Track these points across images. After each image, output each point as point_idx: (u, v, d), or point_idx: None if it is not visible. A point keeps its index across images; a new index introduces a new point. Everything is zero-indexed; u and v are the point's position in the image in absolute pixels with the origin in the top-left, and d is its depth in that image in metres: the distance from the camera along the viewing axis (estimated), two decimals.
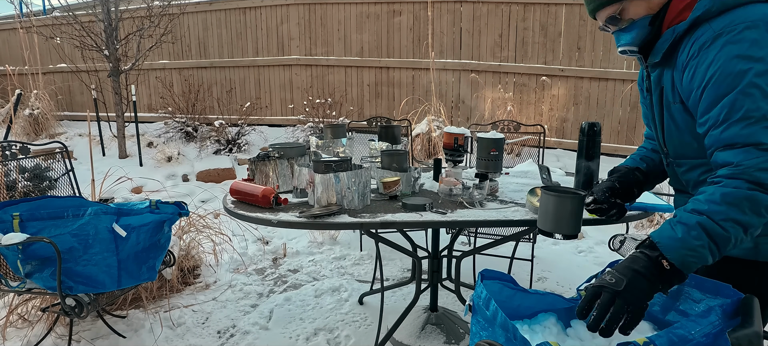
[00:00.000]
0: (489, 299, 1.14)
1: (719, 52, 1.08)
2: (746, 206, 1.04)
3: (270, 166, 2.31)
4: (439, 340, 2.46)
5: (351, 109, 6.85)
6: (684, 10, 1.15)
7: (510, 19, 6.10)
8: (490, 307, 1.12)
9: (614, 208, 1.44)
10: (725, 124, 1.08)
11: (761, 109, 1.04)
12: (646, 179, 1.49)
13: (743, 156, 1.05)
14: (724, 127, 1.08)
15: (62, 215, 2.19)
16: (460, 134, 2.37)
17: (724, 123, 1.08)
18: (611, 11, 1.24)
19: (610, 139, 5.82)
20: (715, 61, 1.08)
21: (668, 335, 1.01)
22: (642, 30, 1.24)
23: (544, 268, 3.37)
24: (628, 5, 1.22)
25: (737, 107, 1.06)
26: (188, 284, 3.14)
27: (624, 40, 1.28)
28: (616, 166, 1.54)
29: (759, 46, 1.04)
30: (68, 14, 6.26)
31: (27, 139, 6.42)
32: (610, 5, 1.24)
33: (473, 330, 1.25)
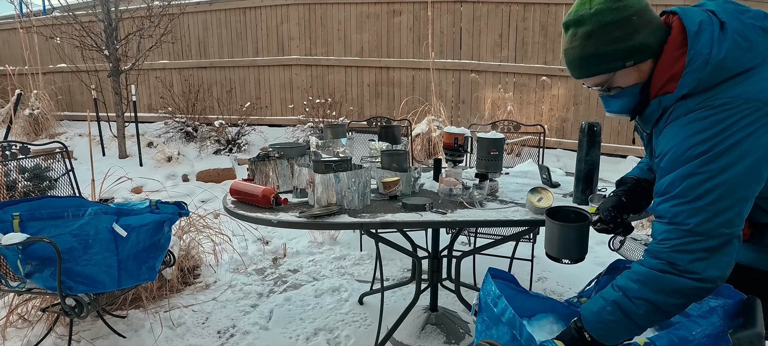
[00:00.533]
0: (499, 296, 1.14)
1: (681, 129, 1.08)
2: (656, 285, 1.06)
3: (270, 166, 2.31)
4: (439, 340, 2.45)
5: (351, 109, 6.85)
6: (669, 82, 1.12)
7: (510, 19, 6.10)
8: (499, 304, 1.13)
9: (621, 226, 1.39)
10: (663, 197, 1.10)
11: (696, 192, 1.03)
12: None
13: (667, 233, 1.07)
14: (661, 200, 1.10)
15: (62, 215, 2.19)
16: (460, 134, 2.37)
17: (662, 196, 1.10)
18: (599, 81, 1.19)
19: (610, 140, 5.82)
20: (675, 136, 1.09)
21: (669, 335, 1.01)
22: (632, 98, 1.20)
23: (544, 268, 3.36)
24: (617, 75, 1.17)
25: (675, 185, 1.06)
26: (188, 284, 3.14)
27: (613, 108, 1.25)
28: (623, 178, 1.50)
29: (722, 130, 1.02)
30: (68, 14, 6.25)
31: (27, 139, 6.42)
32: (595, 76, 1.19)
33: (478, 329, 1.25)
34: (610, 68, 1.15)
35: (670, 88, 1.11)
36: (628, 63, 1.13)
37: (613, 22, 1.10)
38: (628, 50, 1.11)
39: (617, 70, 1.15)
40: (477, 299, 1.27)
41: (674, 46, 1.10)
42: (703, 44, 1.05)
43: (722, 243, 1.02)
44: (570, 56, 1.19)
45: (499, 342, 1.09)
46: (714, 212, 1.02)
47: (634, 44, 1.11)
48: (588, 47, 1.14)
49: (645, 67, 1.14)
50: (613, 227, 1.38)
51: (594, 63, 1.15)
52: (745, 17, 1.07)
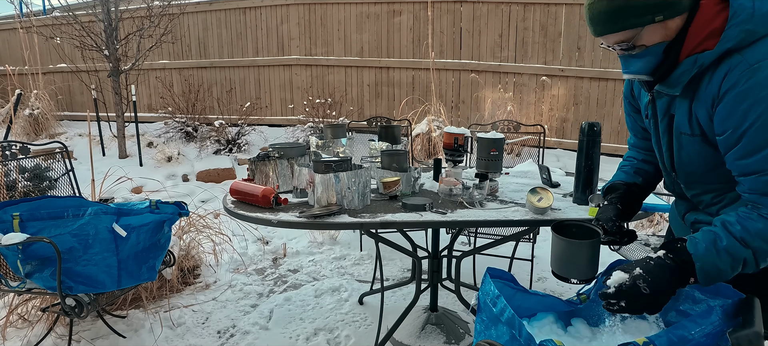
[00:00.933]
0: (498, 295, 1.14)
1: (760, 94, 1.00)
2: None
3: (270, 166, 2.31)
4: (439, 340, 2.45)
5: (351, 109, 6.85)
6: (707, 39, 1.06)
7: (510, 19, 6.10)
8: (498, 304, 1.12)
9: (626, 236, 1.33)
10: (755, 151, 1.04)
11: None
12: (644, 194, 1.43)
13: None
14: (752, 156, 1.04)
15: (62, 215, 2.19)
16: (460, 134, 2.37)
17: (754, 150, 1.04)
18: (623, 37, 1.12)
19: (610, 140, 5.82)
20: (757, 104, 1.01)
21: (668, 335, 1.01)
22: (655, 57, 1.13)
23: (544, 268, 3.36)
24: (643, 32, 1.09)
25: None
26: (188, 284, 3.14)
27: (634, 68, 1.17)
28: (613, 184, 1.44)
29: None
30: (68, 14, 6.25)
31: (27, 139, 6.42)
32: (622, 31, 1.11)
33: (477, 329, 1.25)
34: (640, 22, 1.08)
35: (708, 45, 1.06)
36: (657, 17, 1.07)
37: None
38: (659, 4, 1.06)
39: (647, 25, 1.08)
40: (476, 299, 1.27)
41: (712, 2, 1.06)
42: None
43: None
44: (596, 9, 1.11)
45: (499, 342, 1.09)
46: None
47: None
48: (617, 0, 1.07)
49: (672, 24, 1.08)
50: (618, 239, 1.32)
51: (623, 16, 1.08)
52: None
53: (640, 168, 1.45)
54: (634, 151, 1.50)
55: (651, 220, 3.91)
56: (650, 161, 1.45)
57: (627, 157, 1.51)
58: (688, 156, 1.21)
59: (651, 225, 3.90)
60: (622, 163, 1.51)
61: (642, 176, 1.44)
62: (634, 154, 1.49)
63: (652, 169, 1.45)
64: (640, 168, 1.45)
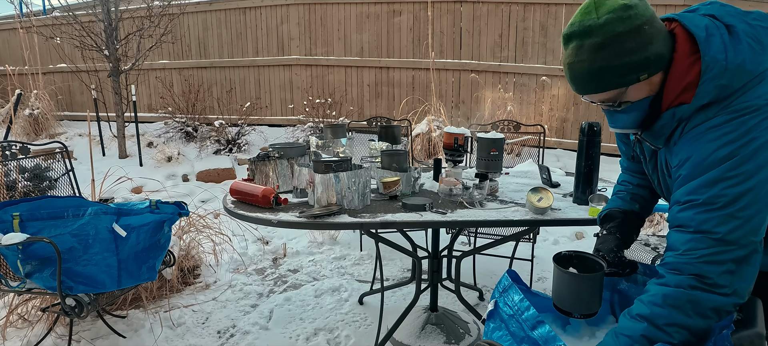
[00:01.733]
0: (528, 306, 1.09)
1: (702, 136, 1.02)
2: (689, 308, 0.99)
3: (270, 166, 2.31)
4: (439, 340, 2.45)
5: (351, 109, 6.85)
6: (683, 93, 1.04)
7: (510, 19, 6.10)
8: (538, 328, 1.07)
9: (628, 267, 1.29)
10: (685, 205, 1.03)
11: (725, 198, 0.97)
12: (642, 220, 1.41)
13: (692, 244, 1.00)
14: (681, 208, 1.03)
15: (62, 215, 2.19)
16: (460, 134, 2.37)
17: (684, 204, 1.03)
18: (608, 97, 1.09)
19: (610, 140, 5.82)
20: (695, 143, 1.03)
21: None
22: (641, 112, 1.11)
23: (544, 268, 3.36)
24: (630, 90, 1.07)
25: (701, 192, 1.00)
26: (188, 284, 3.14)
27: (621, 123, 1.15)
28: (610, 212, 1.41)
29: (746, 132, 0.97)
30: (68, 14, 6.25)
31: (27, 139, 6.42)
32: (608, 91, 1.08)
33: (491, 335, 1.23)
34: (624, 82, 1.05)
35: (685, 98, 1.04)
36: (642, 76, 1.04)
37: (626, 33, 1.01)
38: (642, 62, 1.03)
39: (631, 85, 1.06)
40: (493, 305, 1.24)
41: (684, 55, 1.04)
42: (717, 49, 0.99)
43: (749, 253, 0.98)
44: (576, 70, 1.08)
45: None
46: (745, 218, 0.97)
47: (648, 56, 1.03)
48: (598, 61, 1.04)
49: (656, 79, 1.07)
50: (621, 270, 1.28)
51: (606, 78, 1.05)
52: (749, 19, 1.03)
53: (636, 194, 1.42)
54: (628, 175, 1.46)
55: (651, 220, 3.91)
56: (645, 185, 1.42)
57: (622, 182, 1.48)
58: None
59: (651, 225, 3.90)
60: (617, 189, 1.47)
61: (638, 202, 1.41)
62: (629, 178, 1.46)
63: (648, 194, 1.42)
64: (636, 194, 1.42)
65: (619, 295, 1.35)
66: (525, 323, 1.11)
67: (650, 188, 1.42)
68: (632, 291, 1.32)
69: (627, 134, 1.36)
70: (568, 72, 1.10)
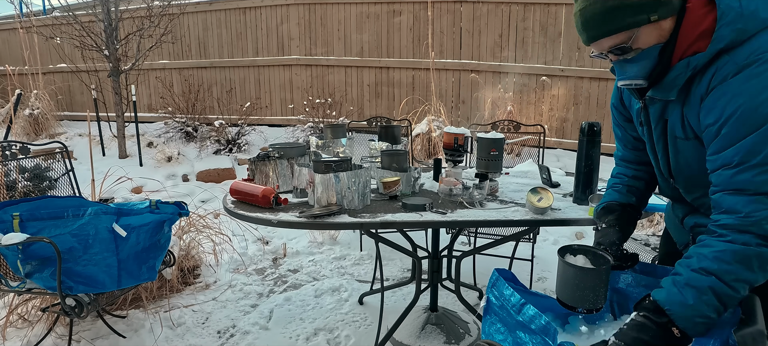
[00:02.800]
0: (523, 302, 1.09)
1: (742, 87, 0.99)
2: (756, 263, 0.99)
3: (270, 166, 2.31)
4: (439, 340, 2.45)
5: (351, 109, 6.85)
6: (699, 40, 1.04)
7: (510, 19, 6.10)
8: (527, 311, 1.07)
9: (629, 260, 1.29)
10: (740, 167, 1.01)
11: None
12: (638, 214, 1.40)
13: (753, 206, 0.99)
14: (737, 170, 1.01)
15: (62, 215, 2.19)
16: (460, 134, 2.37)
17: (739, 166, 1.01)
18: (619, 40, 1.08)
19: (610, 140, 5.81)
20: (737, 96, 1.00)
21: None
22: (650, 61, 1.10)
23: (544, 268, 3.36)
24: (639, 33, 1.06)
25: (756, 151, 0.98)
26: (188, 284, 3.14)
27: (631, 73, 1.13)
28: (608, 204, 1.40)
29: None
30: (68, 14, 6.25)
31: (27, 139, 6.42)
32: (618, 33, 1.07)
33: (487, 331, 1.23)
34: (636, 22, 1.05)
35: (700, 46, 1.04)
36: (652, 17, 1.04)
37: None
38: (653, 1, 1.03)
39: (642, 26, 1.05)
40: (485, 300, 1.24)
41: (699, 4, 1.04)
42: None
43: None
44: (589, 12, 1.08)
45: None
46: None
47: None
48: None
49: (666, 24, 1.06)
50: (623, 263, 1.27)
51: (618, 16, 1.05)
52: None
53: (632, 186, 1.42)
54: (624, 166, 1.45)
55: (651, 220, 3.91)
56: (640, 177, 1.42)
57: (616, 174, 1.47)
58: (685, 160, 1.19)
59: (651, 225, 3.90)
60: (612, 181, 1.46)
61: (635, 194, 1.41)
62: (624, 170, 1.45)
63: (643, 186, 1.42)
64: (632, 186, 1.42)
65: (617, 294, 1.36)
66: (512, 309, 1.12)
67: (646, 180, 1.41)
68: (631, 289, 1.32)
69: (626, 112, 1.36)
70: (579, 19, 1.11)
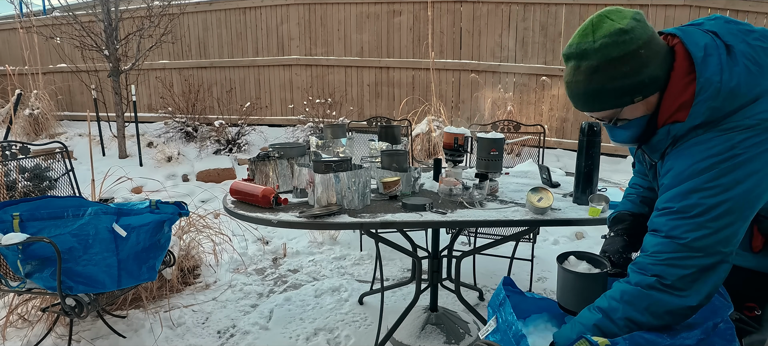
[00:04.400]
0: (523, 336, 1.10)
1: (687, 150, 1.04)
2: (643, 306, 1.02)
3: (270, 166, 2.31)
4: (439, 340, 2.45)
5: (351, 109, 6.85)
6: (678, 111, 1.06)
7: (510, 19, 6.10)
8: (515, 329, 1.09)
9: None
10: (661, 211, 1.06)
11: (699, 208, 0.99)
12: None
13: (660, 247, 1.03)
14: (659, 213, 1.07)
15: (62, 215, 2.19)
16: (460, 134, 2.37)
17: (662, 210, 1.06)
18: (605, 116, 1.13)
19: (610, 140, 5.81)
20: (680, 156, 1.06)
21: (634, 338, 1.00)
22: (638, 128, 1.14)
23: (544, 268, 3.36)
24: (625, 109, 1.10)
25: (677, 200, 1.03)
26: (188, 284, 3.14)
27: (620, 138, 1.18)
28: (619, 214, 1.42)
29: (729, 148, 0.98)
30: (68, 14, 6.25)
31: (27, 139, 6.42)
32: (603, 111, 1.11)
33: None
34: (618, 104, 1.08)
35: (680, 116, 1.06)
36: (636, 98, 1.07)
37: (620, 57, 1.03)
38: (636, 85, 1.05)
39: (626, 106, 1.08)
40: (495, 321, 1.24)
41: (681, 74, 1.05)
42: (713, 71, 1.00)
43: (716, 262, 1.00)
44: (573, 90, 1.12)
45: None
46: (715, 228, 0.98)
47: (642, 79, 1.04)
48: (593, 83, 1.07)
49: (653, 99, 1.09)
50: (625, 271, 1.26)
51: (600, 99, 1.09)
52: (750, 39, 1.03)
53: (647, 197, 1.43)
54: (640, 178, 1.47)
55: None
56: (655, 189, 1.42)
57: (632, 184, 1.49)
58: None
59: None
60: (628, 191, 1.49)
61: (648, 205, 1.41)
62: (640, 181, 1.46)
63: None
64: (647, 197, 1.43)
65: None
66: (512, 337, 1.13)
67: None
68: None
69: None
70: (567, 90, 1.14)
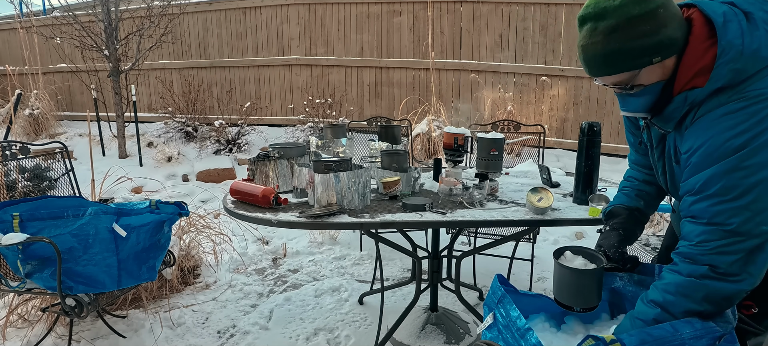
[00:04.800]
0: (528, 329, 1.09)
1: (715, 122, 1.02)
2: (700, 296, 1.02)
3: (270, 166, 2.31)
4: (439, 340, 2.45)
5: (351, 109, 6.85)
6: (697, 76, 1.04)
7: (510, 19, 6.10)
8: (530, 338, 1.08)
9: (629, 262, 1.31)
10: (698, 196, 1.04)
11: (737, 190, 0.98)
12: (646, 218, 1.41)
13: (705, 236, 1.02)
14: (695, 199, 1.05)
15: (62, 215, 2.19)
16: (460, 134, 2.37)
17: (697, 195, 1.04)
18: (620, 79, 1.10)
19: (610, 140, 5.82)
20: (708, 130, 1.03)
21: (641, 334, 1.00)
22: (653, 96, 1.11)
23: (544, 268, 3.36)
24: (642, 73, 1.08)
25: (713, 183, 1.01)
26: (188, 284, 3.14)
27: (632, 106, 1.15)
28: (614, 208, 1.42)
29: (759, 122, 0.97)
30: (68, 14, 6.25)
31: (27, 139, 6.42)
32: (620, 73, 1.09)
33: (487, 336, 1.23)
34: (636, 65, 1.06)
35: (698, 82, 1.04)
36: (655, 59, 1.05)
37: (640, 16, 1.02)
38: (655, 45, 1.04)
39: (643, 67, 1.06)
40: (492, 318, 1.24)
41: (700, 39, 1.04)
42: (734, 35, 1.00)
43: (763, 242, 0.99)
44: (590, 53, 1.09)
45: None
46: (756, 210, 0.98)
47: (661, 39, 1.03)
48: (612, 43, 1.05)
49: (669, 63, 1.07)
50: (622, 265, 1.30)
51: (619, 60, 1.06)
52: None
53: (642, 190, 1.42)
54: (636, 170, 1.46)
55: (651, 220, 3.92)
56: (651, 182, 1.42)
57: (628, 177, 1.48)
58: (680, 181, 1.19)
59: (651, 225, 3.90)
60: (623, 184, 1.48)
61: (644, 198, 1.41)
62: (635, 174, 1.46)
63: (654, 191, 1.42)
64: (642, 190, 1.42)
65: (612, 294, 1.36)
66: (516, 332, 1.13)
67: (656, 185, 1.42)
68: (626, 289, 1.32)
69: (636, 121, 1.37)
70: (582, 54, 1.11)
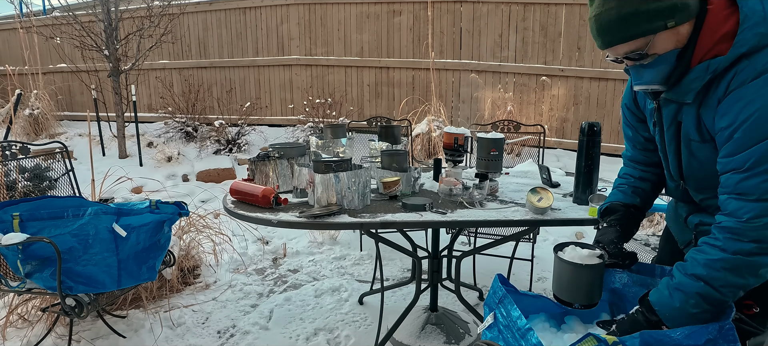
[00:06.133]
0: (529, 329, 1.09)
1: (758, 92, 0.98)
2: (746, 271, 1.02)
3: (270, 166, 2.31)
4: (439, 340, 2.45)
5: (351, 109, 6.85)
6: (720, 43, 1.03)
7: (510, 19, 6.10)
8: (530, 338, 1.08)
9: (628, 258, 1.30)
10: (748, 173, 1.01)
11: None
12: (642, 215, 1.40)
13: (756, 213, 1.00)
14: (745, 176, 1.01)
15: (62, 215, 2.19)
16: (460, 134, 2.37)
17: (748, 172, 1.01)
18: (635, 46, 1.07)
19: (610, 140, 5.82)
20: (752, 102, 0.99)
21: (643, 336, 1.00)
22: (668, 65, 1.09)
23: (544, 268, 3.36)
24: (656, 39, 1.05)
25: (766, 158, 0.98)
26: (188, 284, 3.14)
27: (647, 78, 1.12)
28: (611, 205, 1.40)
29: None
30: (68, 14, 6.25)
31: (27, 139, 6.42)
32: (633, 39, 1.06)
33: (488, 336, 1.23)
34: (652, 29, 1.04)
35: (721, 49, 1.02)
36: (669, 23, 1.03)
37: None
38: (670, 8, 1.02)
39: (658, 32, 1.04)
40: (492, 317, 1.24)
41: (721, 7, 1.03)
42: (755, 0, 1.00)
43: None
44: (604, 19, 1.07)
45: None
46: None
47: (675, 2, 1.02)
48: (627, 6, 1.03)
49: (684, 29, 1.05)
50: (621, 261, 1.29)
51: (634, 23, 1.04)
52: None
53: (638, 187, 1.41)
54: (631, 167, 1.45)
55: (651, 220, 3.91)
56: (647, 179, 1.41)
57: (623, 174, 1.47)
58: (698, 162, 1.18)
59: (651, 225, 3.90)
60: (618, 181, 1.46)
61: (640, 196, 1.40)
62: (631, 171, 1.45)
63: (650, 188, 1.42)
64: (638, 187, 1.41)
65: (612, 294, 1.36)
66: (517, 332, 1.12)
67: (652, 182, 1.41)
68: (627, 290, 1.32)
69: (637, 113, 1.35)
70: (595, 24, 1.10)
